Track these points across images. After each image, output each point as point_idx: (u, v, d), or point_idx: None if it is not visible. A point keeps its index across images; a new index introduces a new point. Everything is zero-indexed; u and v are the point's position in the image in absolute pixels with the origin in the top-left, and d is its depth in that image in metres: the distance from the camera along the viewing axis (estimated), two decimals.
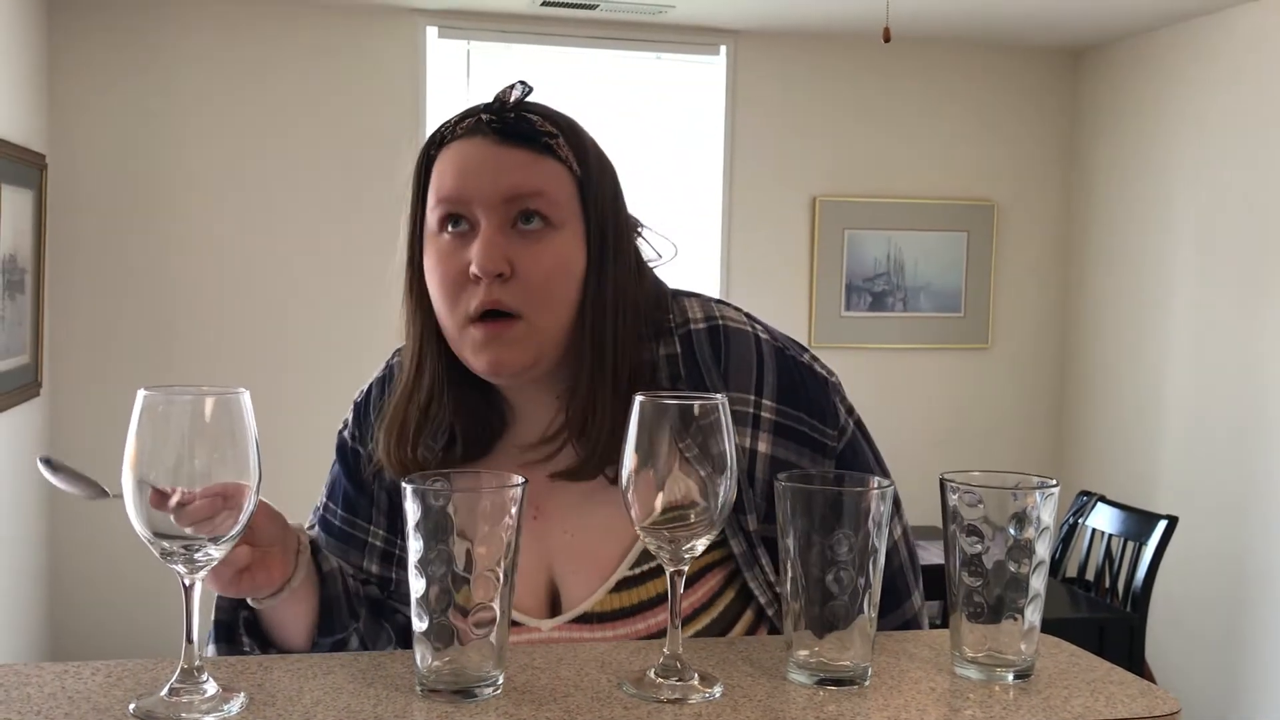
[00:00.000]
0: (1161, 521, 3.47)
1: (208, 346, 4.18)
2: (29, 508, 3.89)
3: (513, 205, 1.12)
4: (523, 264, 1.11)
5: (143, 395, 0.83)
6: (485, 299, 1.11)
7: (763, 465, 1.14)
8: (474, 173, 1.13)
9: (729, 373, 1.16)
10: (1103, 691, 0.91)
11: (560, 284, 1.13)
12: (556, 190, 1.13)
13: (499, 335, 1.11)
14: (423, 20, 4.32)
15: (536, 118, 1.15)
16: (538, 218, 1.12)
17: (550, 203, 1.13)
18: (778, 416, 1.15)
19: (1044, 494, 0.93)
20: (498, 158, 1.13)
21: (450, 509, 0.84)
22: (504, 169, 1.12)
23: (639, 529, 0.92)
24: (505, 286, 1.11)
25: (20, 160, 3.64)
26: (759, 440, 1.14)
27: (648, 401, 0.92)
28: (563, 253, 1.13)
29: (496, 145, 1.13)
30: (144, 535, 0.84)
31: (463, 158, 1.14)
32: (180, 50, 4.16)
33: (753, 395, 1.15)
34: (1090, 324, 4.83)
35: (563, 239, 1.13)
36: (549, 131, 1.14)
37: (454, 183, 1.14)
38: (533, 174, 1.13)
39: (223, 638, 1.14)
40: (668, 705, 0.86)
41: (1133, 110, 4.61)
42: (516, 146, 1.13)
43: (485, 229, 1.12)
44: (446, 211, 1.15)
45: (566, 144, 1.15)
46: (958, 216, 4.86)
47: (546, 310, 1.12)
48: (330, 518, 1.27)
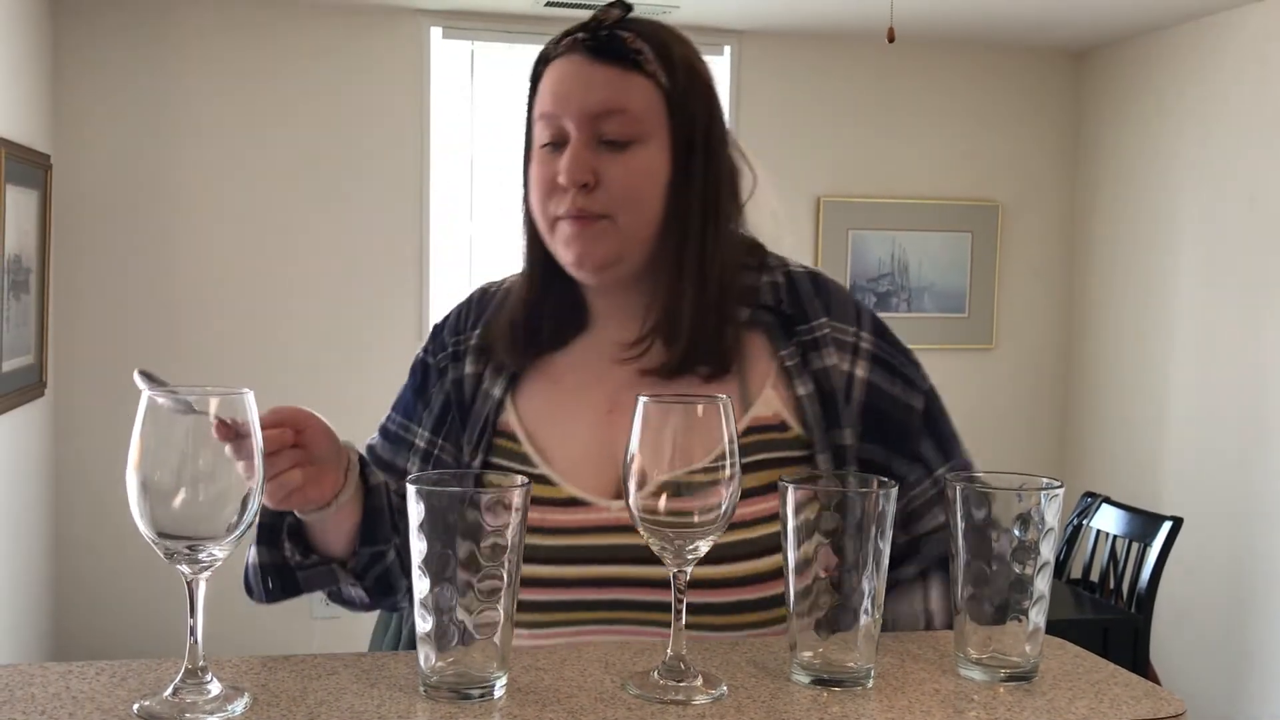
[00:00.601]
0: (1166, 523, 3.46)
1: (212, 346, 4.18)
2: (34, 508, 3.89)
3: (598, 120, 1.20)
4: (608, 174, 1.20)
5: (147, 395, 0.83)
6: (572, 206, 1.21)
7: (860, 389, 1.22)
8: (565, 89, 1.22)
9: (830, 305, 1.25)
10: (1107, 693, 0.91)
11: (644, 192, 1.21)
12: (641, 104, 1.21)
13: (586, 230, 1.21)
14: (427, 21, 4.32)
15: (628, 35, 1.22)
16: (622, 131, 1.20)
17: (633, 117, 1.20)
18: (875, 349, 1.24)
19: (1048, 495, 0.93)
20: (587, 75, 1.21)
21: (454, 508, 0.84)
22: (592, 85, 1.20)
23: (640, 528, 0.92)
24: (591, 195, 1.20)
25: (25, 161, 3.64)
26: (858, 366, 1.23)
27: (651, 403, 0.92)
28: (647, 164, 1.21)
29: (588, 62, 1.21)
30: (148, 535, 0.84)
31: (558, 75, 1.23)
32: (185, 51, 4.16)
33: (853, 326, 1.24)
34: (1095, 324, 4.83)
35: (647, 151, 1.21)
36: (637, 49, 1.21)
37: (550, 99, 1.23)
38: (618, 90, 1.20)
39: (264, 540, 1.22)
40: (671, 706, 0.86)
41: (1136, 111, 4.61)
42: (606, 63, 1.21)
43: (573, 141, 1.21)
44: (544, 125, 1.24)
45: (655, 58, 1.21)
46: (962, 217, 4.86)
47: (630, 214, 1.20)
48: (389, 425, 1.37)
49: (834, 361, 1.22)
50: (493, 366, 1.30)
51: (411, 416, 1.35)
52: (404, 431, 1.34)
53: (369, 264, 4.32)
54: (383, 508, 1.25)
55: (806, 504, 0.90)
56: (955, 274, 4.88)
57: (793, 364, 1.22)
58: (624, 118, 1.20)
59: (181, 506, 0.83)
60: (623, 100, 1.20)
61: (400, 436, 1.34)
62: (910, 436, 1.22)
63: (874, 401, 1.22)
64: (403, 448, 1.33)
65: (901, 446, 1.22)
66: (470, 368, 1.32)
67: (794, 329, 1.24)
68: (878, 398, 1.22)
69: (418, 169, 4.34)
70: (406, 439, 1.34)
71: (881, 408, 1.22)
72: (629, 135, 1.20)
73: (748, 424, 1.20)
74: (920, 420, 1.23)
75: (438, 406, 1.32)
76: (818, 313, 1.24)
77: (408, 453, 1.33)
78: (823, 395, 1.21)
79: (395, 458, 1.33)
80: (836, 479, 0.98)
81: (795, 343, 1.23)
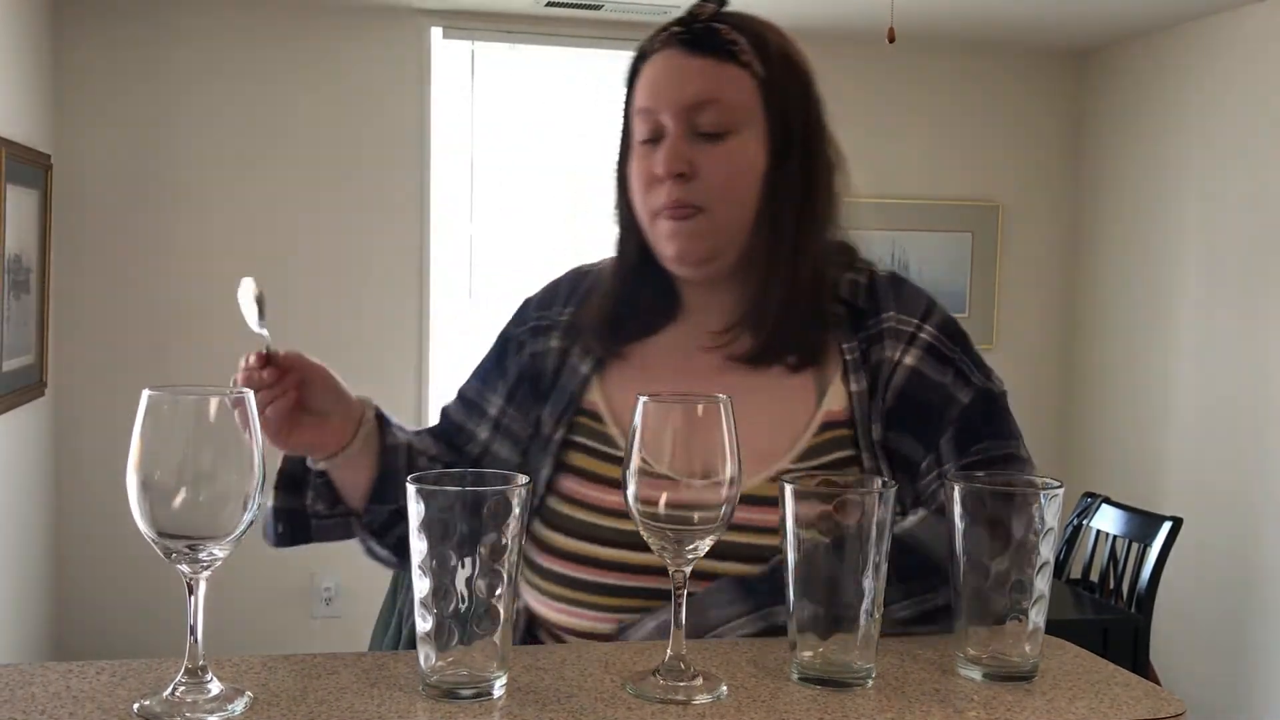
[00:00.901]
0: (1166, 523, 3.46)
1: (212, 346, 4.17)
2: (34, 508, 3.89)
3: (694, 112, 1.21)
4: (704, 165, 1.21)
5: (147, 395, 0.83)
6: (669, 197, 1.22)
7: (901, 374, 1.21)
8: (662, 83, 1.24)
9: (902, 301, 1.26)
10: (1107, 693, 0.91)
11: (740, 182, 1.22)
12: (736, 95, 1.22)
13: (684, 226, 1.22)
14: (427, 21, 4.32)
15: (723, 27, 1.23)
16: (717, 122, 1.21)
17: (728, 108, 1.21)
18: (935, 340, 1.23)
19: (1048, 495, 0.93)
20: (683, 68, 1.23)
21: (454, 509, 0.84)
22: (688, 78, 1.22)
23: (640, 526, 0.92)
24: (688, 186, 1.21)
25: (25, 161, 3.64)
26: (907, 354, 1.22)
27: (653, 402, 0.92)
28: (743, 154, 1.22)
29: (684, 56, 1.23)
30: (148, 535, 0.84)
31: (655, 70, 1.25)
32: (185, 51, 4.16)
33: (916, 319, 1.24)
34: (1095, 325, 4.83)
35: (742, 141, 1.22)
36: (732, 40, 1.22)
37: (647, 94, 1.25)
38: (713, 81, 1.21)
39: (283, 486, 1.28)
40: (672, 706, 0.86)
41: (1138, 111, 4.60)
42: (701, 56, 1.22)
43: (670, 134, 1.22)
44: (642, 121, 1.25)
45: (750, 49, 1.22)
46: (962, 217, 4.86)
47: (726, 206, 1.22)
48: (466, 390, 1.39)
49: (887, 354, 1.22)
50: (580, 346, 1.31)
51: (487, 383, 1.36)
52: (478, 398, 1.36)
53: (369, 263, 4.32)
54: (399, 469, 1.27)
55: (806, 503, 0.90)
56: (956, 274, 4.88)
57: (852, 358, 1.22)
58: (719, 108, 1.21)
59: (181, 506, 0.83)
60: (717, 91, 1.21)
61: (474, 402, 1.36)
62: (937, 426, 1.20)
63: (910, 388, 1.21)
64: (475, 412, 1.35)
65: (923, 433, 1.20)
66: (556, 343, 1.33)
67: (863, 324, 1.24)
68: (916, 384, 1.21)
69: (418, 169, 4.34)
70: (480, 405, 1.35)
71: (916, 394, 1.21)
72: (724, 126, 1.21)
73: (821, 420, 1.21)
74: (958, 413, 1.20)
75: (513, 376, 1.34)
76: (886, 307, 1.25)
77: (479, 418, 1.35)
78: (871, 391, 1.21)
79: (466, 421, 1.36)
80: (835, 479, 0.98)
81: (859, 337, 1.23)
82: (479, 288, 4.44)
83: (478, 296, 4.43)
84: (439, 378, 4.37)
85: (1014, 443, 1.21)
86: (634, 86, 1.28)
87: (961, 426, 1.19)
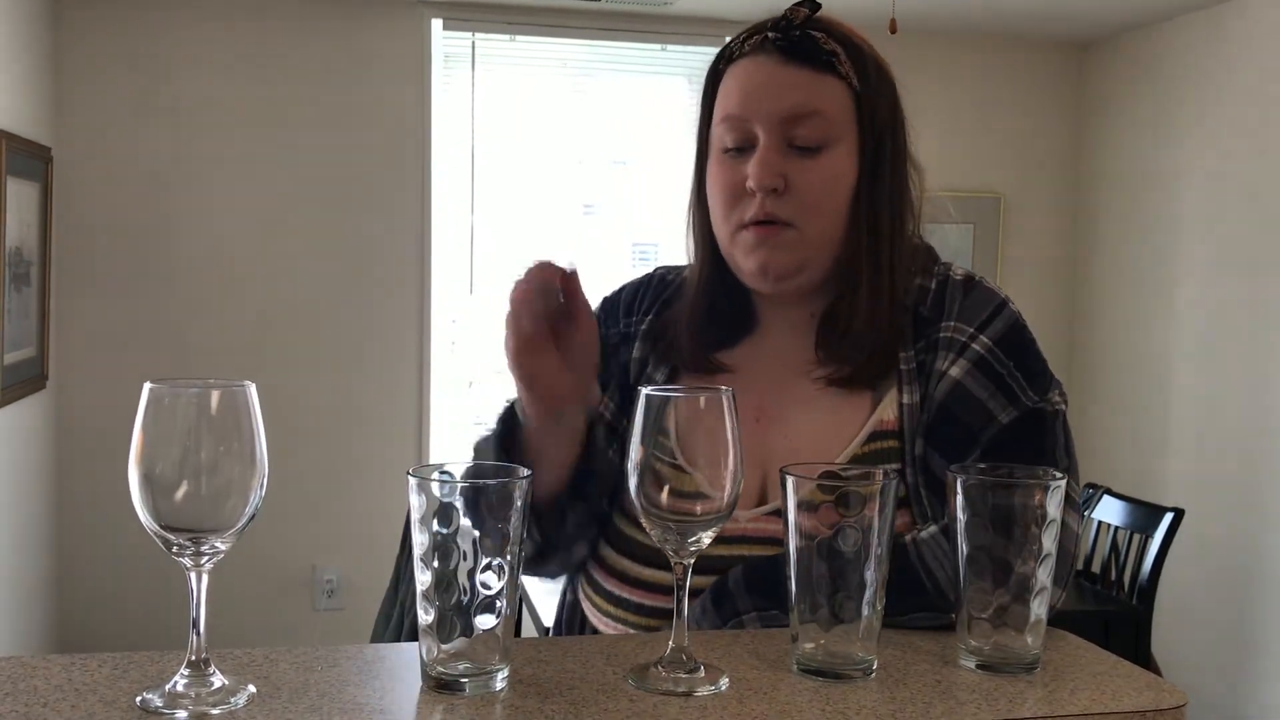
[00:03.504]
0: (1168, 514, 3.46)
1: (214, 339, 4.18)
2: (36, 501, 3.89)
3: (790, 124, 1.17)
4: (797, 180, 1.17)
5: (148, 388, 0.83)
6: (759, 211, 1.17)
7: (944, 388, 1.16)
8: (756, 91, 1.18)
9: (962, 310, 1.19)
10: (1109, 684, 0.91)
11: (832, 198, 1.18)
12: (834, 108, 1.18)
13: (770, 239, 1.17)
14: (428, 13, 4.31)
15: (820, 35, 1.19)
16: (814, 135, 1.17)
17: (826, 121, 1.17)
18: (987, 353, 1.16)
19: (1050, 486, 0.93)
20: (779, 76, 1.18)
21: (456, 500, 0.84)
22: (785, 88, 1.17)
23: (644, 523, 0.92)
24: (779, 200, 1.17)
25: (26, 153, 3.64)
26: (954, 365, 1.17)
27: (654, 395, 0.92)
28: (836, 168, 1.18)
29: (779, 64, 1.18)
30: (150, 528, 0.84)
31: (746, 76, 1.19)
32: (185, 43, 4.16)
33: (972, 329, 1.18)
34: (1097, 316, 4.82)
35: (836, 155, 1.18)
36: (831, 50, 1.18)
37: (737, 101, 1.19)
38: (812, 93, 1.17)
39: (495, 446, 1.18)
40: (673, 698, 0.86)
41: (1140, 102, 4.60)
42: (798, 65, 1.18)
43: (763, 145, 1.17)
44: (729, 128, 1.19)
45: (848, 59, 1.19)
46: (964, 209, 4.85)
47: (817, 221, 1.18)
48: None
49: (938, 365, 1.17)
50: (656, 354, 1.28)
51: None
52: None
53: (371, 256, 4.32)
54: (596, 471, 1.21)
55: (808, 495, 0.90)
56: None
57: (907, 369, 1.18)
58: (817, 121, 1.17)
59: (183, 499, 0.83)
60: (816, 103, 1.17)
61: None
62: (967, 446, 1.13)
63: (951, 402, 1.15)
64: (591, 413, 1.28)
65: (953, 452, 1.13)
66: (638, 352, 1.29)
67: (923, 333, 1.20)
68: (957, 399, 1.15)
69: (419, 161, 4.34)
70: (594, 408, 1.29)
71: (954, 410, 1.15)
72: (820, 140, 1.17)
73: (870, 430, 1.18)
74: (993, 434, 1.14)
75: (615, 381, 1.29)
76: (949, 315, 1.19)
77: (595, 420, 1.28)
78: (922, 404, 1.17)
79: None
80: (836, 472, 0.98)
81: (917, 346, 1.19)
82: (480, 281, 4.44)
83: (479, 289, 4.43)
84: (440, 369, 4.38)
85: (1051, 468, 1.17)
86: (717, 90, 1.22)
87: (990, 449, 1.12)
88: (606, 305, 1.34)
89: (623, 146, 4.48)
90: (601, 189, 4.50)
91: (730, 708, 0.84)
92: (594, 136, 4.48)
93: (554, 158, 4.46)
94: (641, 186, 4.44)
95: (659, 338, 1.28)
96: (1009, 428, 1.14)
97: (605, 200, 4.49)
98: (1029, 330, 1.21)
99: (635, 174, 4.47)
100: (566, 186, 4.48)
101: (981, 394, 1.15)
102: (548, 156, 4.46)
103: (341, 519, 4.24)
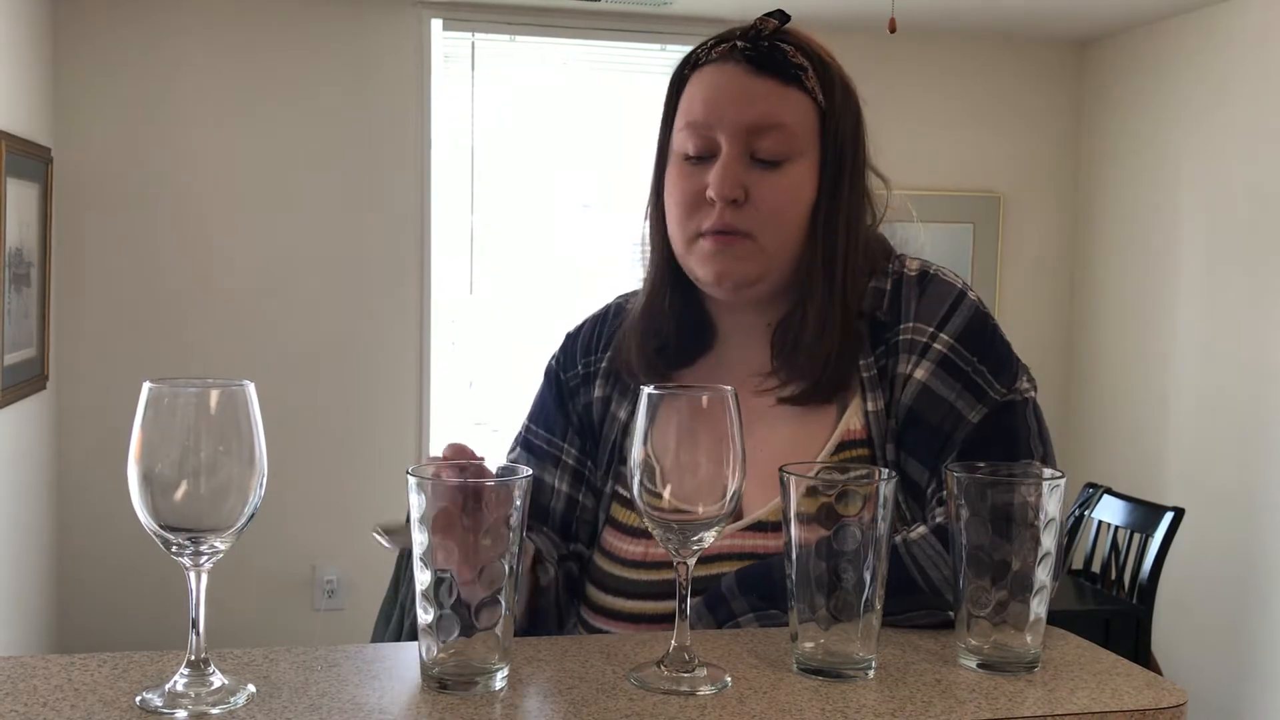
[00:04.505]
0: (1168, 513, 3.46)
1: (212, 338, 4.18)
2: (36, 501, 3.89)
3: (754, 134, 1.16)
4: (757, 191, 1.16)
5: (148, 388, 0.83)
6: (718, 221, 1.16)
7: (910, 392, 1.15)
8: (721, 100, 1.17)
9: (920, 307, 1.18)
10: (1109, 683, 0.91)
11: (792, 211, 1.17)
12: (798, 121, 1.17)
13: (728, 248, 1.17)
14: (427, 13, 4.31)
15: (789, 48, 1.19)
16: (776, 148, 1.16)
17: (790, 134, 1.17)
18: (949, 352, 1.16)
19: (1050, 485, 0.93)
20: (746, 87, 1.17)
21: (455, 501, 0.84)
22: (750, 99, 1.16)
23: (644, 518, 0.92)
24: (738, 211, 1.16)
25: (26, 154, 3.64)
26: (918, 369, 1.15)
27: (657, 394, 0.92)
28: (797, 182, 1.17)
29: (746, 73, 1.17)
30: (150, 528, 0.84)
31: (712, 84, 1.18)
32: (184, 43, 4.16)
33: (932, 328, 1.17)
34: (1097, 315, 4.82)
35: (798, 169, 1.18)
36: (799, 64, 1.18)
37: (701, 108, 1.18)
38: (777, 105, 1.16)
39: None
40: (673, 697, 0.86)
41: (1139, 101, 4.60)
42: (766, 76, 1.17)
43: (725, 155, 1.16)
44: (691, 135, 1.18)
45: (815, 75, 1.19)
46: (963, 208, 4.85)
47: (776, 234, 1.17)
48: (532, 438, 1.31)
49: (900, 368, 1.16)
50: (619, 389, 1.27)
51: (554, 430, 1.30)
52: (549, 446, 1.29)
53: (370, 256, 4.32)
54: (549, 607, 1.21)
55: (806, 493, 0.90)
56: (957, 266, 4.84)
57: (868, 375, 1.17)
58: (780, 134, 1.16)
59: (183, 499, 0.83)
60: (782, 115, 1.16)
61: (546, 451, 1.29)
62: (941, 448, 1.13)
63: (918, 406, 1.15)
64: (549, 462, 1.28)
65: (927, 456, 1.13)
66: (599, 391, 1.28)
67: (881, 337, 1.18)
68: (924, 402, 1.14)
69: (419, 161, 4.34)
70: (552, 453, 1.29)
71: (922, 413, 1.15)
72: (783, 153, 1.16)
73: (838, 440, 1.17)
74: (964, 435, 1.13)
75: (577, 425, 1.28)
76: (906, 316, 1.18)
77: (555, 468, 1.28)
78: (887, 410, 1.16)
79: (543, 473, 1.28)
80: (836, 470, 0.98)
81: (876, 352, 1.18)
82: (479, 281, 4.44)
83: (478, 289, 4.43)
84: (439, 371, 4.38)
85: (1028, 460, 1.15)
86: (680, 96, 1.21)
87: (966, 450, 1.12)
88: (567, 346, 1.34)
89: (622, 146, 4.48)
90: (601, 188, 4.50)
91: (730, 707, 0.84)
92: (593, 136, 4.48)
93: (553, 158, 4.46)
94: (641, 186, 4.43)
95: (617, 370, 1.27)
96: (980, 425, 1.14)
97: (604, 199, 4.49)
98: (990, 318, 1.21)
99: (635, 173, 4.47)
100: (565, 186, 4.47)
101: (949, 395, 1.14)
102: (547, 156, 4.46)
103: (341, 519, 4.24)
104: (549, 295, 4.43)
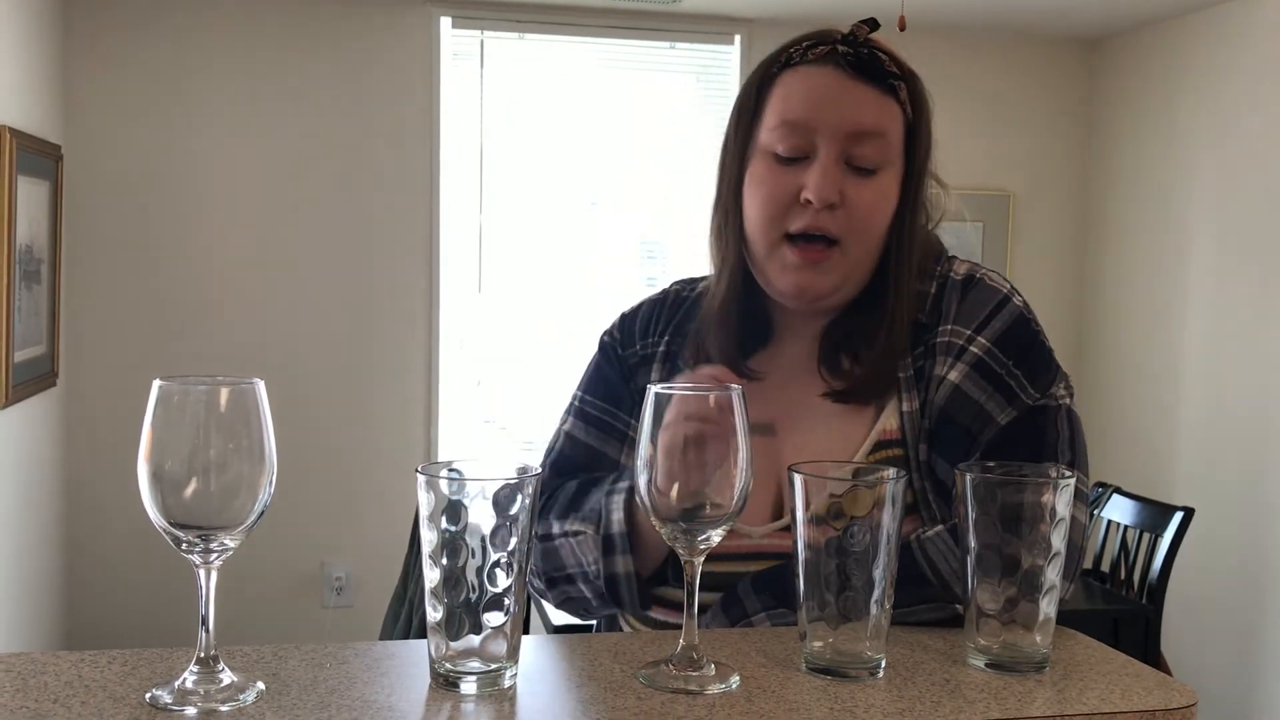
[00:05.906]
0: (1178, 513, 3.45)
1: (222, 335, 4.19)
2: (46, 498, 3.91)
3: (853, 140, 1.16)
4: (852, 196, 1.16)
5: (158, 385, 0.83)
6: (812, 223, 1.16)
7: (943, 393, 1.16)
8: (823, 102, 1.16)
9: (960, 312, 1.19)
10: (1118, 684, 0.91)
11: (880, 220, 1.18)
12: (892, 131, 1.18)
13: (814, 262, 1.17)
14: (436, 11, 4.31)
15: (885, 57, 1.19)
16: (874, 155, 1.17)
17: (886, 143, 1.18)
18: (985, 355, 1.16)
19: (1060, 485, 0.93)
20: (849, 91, 1.17)
21: (463, 498, 0.84)
22: (855, 104, 1.16)
23: (651, 515, 0.92)
24: (832, 215, 1.16)
25: (36, 152, 3.65)
26: (952, 370, 1.16)
27: (664, 393, 0.92)
28: (886, 191, 1.18)
29: (848, 78, 1.17)
30: (159, 525, 0.84)
31: (813, 84, 1.17)
32: (194, 41, 4.16)
33: (970, 331, 1.17)
34: (1107, 314, 4.81)
35: (888, 178, 1.19)
36: (895, 74, 1.19)
37: (802, 108, 1.17)
38: (878, 113, 1.17)
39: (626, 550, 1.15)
40: (681, 695, 0.86)
41: (1150, 99, 4.58)
42: (866, 83, 1.17)
43: (824, 158, 1.16)
44: (786, 134, 1.17)
45: (907, 88, 1.20)
46: (973, 207, 4.84)
47: (862, 241, 1.17)
48: (588, 408, 1.30)
49: (936, 370, 1.17)
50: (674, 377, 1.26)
51: (618, 404, 1.28)
52: (610, 418, 1.28)
53: (379, 254, 4.32)
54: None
55: (815, 493, 0.90)
56: None
57: (905, 376, 1.18)
58: (880, 142, 1.17)
59: (193, 496, 0.83)
60: (881, 123, 1.17)
61: (607, 423, 1.28)
62: (967, 449, 1.13)
63: (950, 407, 1.15)
64: (612, 436, 1.27)
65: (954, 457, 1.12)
66: (655, 375, 1.27)
67: (920, 339, 1.19)
68: (956, 403, 1.15)
69: (427, 159, 4.34)
70: (616, 426, 1.27)
71: (953, 415, 1.15)
72: (878, 161, 1.17)
73: (874, 440, 1.18)
74: (991, 436, 1.13)
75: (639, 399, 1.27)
76: (946, 319, 1.19)
77: (619, 442, 1.27)
78: (922, 410, 1.17)
79: (605, 446, 1.27)
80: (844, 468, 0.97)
81: (914, 353, 1.18)
82: (488, 279, 4.44)
83: (487, 287, 4.43)
84: (448, 367, 4.38)
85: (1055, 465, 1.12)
86: (771, 94, 1.20)
87: (991, 450, 1.11)
88: (624, 325, 1.33)
89: (631, 144, 4.47)
90: (609, 186, 4.50)
91: (739, 706, 0.84)
92: (602, 134, 4.47)
93: (562, 156, 4.46)
94: (650, 184, 4.44)
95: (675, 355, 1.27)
96: (1007, 428, 1.13)
97: (613, 198, 4.49)
98: (1035, 323, 1.20)
99: (643, 172, 4.47)
100: (574, 184, 4.47)
101: (979, 396, 1.14)
102: (556, 154, 4.46)
103: (350, 516, 4.25)
104: (557, 293, 4.43)
